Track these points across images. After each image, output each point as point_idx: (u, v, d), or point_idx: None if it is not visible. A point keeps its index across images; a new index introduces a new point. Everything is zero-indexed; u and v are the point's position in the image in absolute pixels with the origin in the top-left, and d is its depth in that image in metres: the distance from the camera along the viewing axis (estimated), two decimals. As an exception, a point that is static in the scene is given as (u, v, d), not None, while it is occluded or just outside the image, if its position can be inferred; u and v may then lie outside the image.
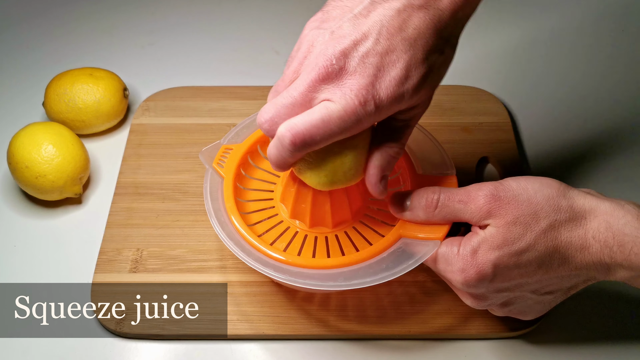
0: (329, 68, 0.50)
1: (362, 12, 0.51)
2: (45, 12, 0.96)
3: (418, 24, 0.50)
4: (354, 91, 0.49)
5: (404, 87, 0.50)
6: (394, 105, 0.51)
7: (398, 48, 0.50)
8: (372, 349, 0.64)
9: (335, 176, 0.55)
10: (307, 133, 0.50)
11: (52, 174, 0.71)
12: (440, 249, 0.56)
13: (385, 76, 0.50)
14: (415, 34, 0.50)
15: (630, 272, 0.52)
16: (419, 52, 0.50)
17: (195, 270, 0.68)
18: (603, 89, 0.86)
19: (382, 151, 0.54)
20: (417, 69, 0.51)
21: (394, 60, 0.50)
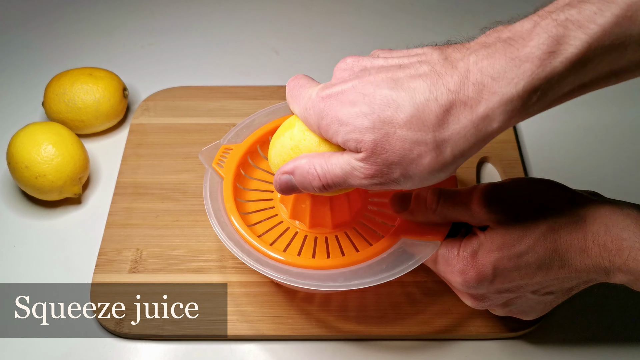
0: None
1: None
2: (45, 12, 0.96)
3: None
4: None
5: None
6: (347, 144, 0.50)
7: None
8: (372, 350, 0.64)
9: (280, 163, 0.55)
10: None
11: (52, 174, 0.71)
12: (440, 250, 0.56)
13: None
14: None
15: (629, 276, 0.52)
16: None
17: (195, 271, 0.68)
18: (605, 89, 0.86)
19: (307, 163, 0.52)
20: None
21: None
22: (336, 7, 0.98)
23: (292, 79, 0.54)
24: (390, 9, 0.97)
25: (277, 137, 0.56)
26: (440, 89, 0.46)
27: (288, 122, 0.56)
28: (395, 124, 0.46)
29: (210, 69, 0.90)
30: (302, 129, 0.53)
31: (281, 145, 0.55)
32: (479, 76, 0.45)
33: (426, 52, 0.49)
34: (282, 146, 0.55)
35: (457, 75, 0.46)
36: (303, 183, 0.52)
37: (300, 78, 0.54)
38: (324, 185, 0.51)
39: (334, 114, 0.49)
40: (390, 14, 0.97)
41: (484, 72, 0.45)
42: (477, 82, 0.45)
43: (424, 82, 0.46)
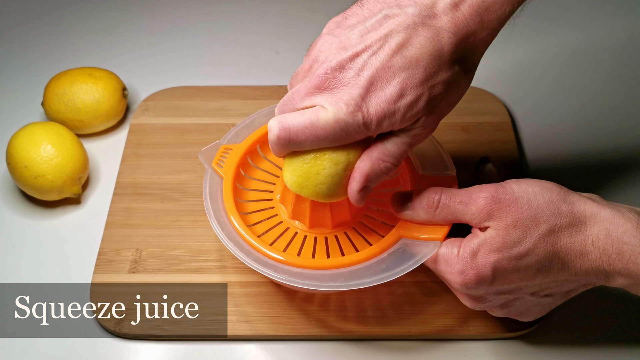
0: (325, 77, 0.51)
1: (373, 24, 0.52)
2: (44, 12, 0.96)
3: (423, 43, 0.50)
4: (344, 100, 0.50)
5: (395, 106, 0.50)
6: (383, 122, 0.51)
7: (396, 66, 0.50)
8: (372, 350, 0.64)
9: (305, 181, 0.55)
10: (292, 131, 0.52)
11: (51, 174, 0.71)
12: (440, 250, 0.56)
13: (377, 91, 0.50)
14: (417, 54, 0.50)
15: (629, 280, 0.52)
16: (418, 72, 0.50)
17: (195, 271, 0.68)
18: (604, 90, 0.86)
19: (372, 159, 0.53)
20: (414, 89, 0.50)
21: (389, 77, 0.50)
22: (336, 6, 0.98)
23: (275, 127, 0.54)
24: (390, 9, 0.97)
25: (313, 174, 0.54)
26: (441, 34, 0.51)
27: (308, 160, 0.54)
28: (431, 76, 0.51)
29: (210, 68, 0.89)
30: (333, 152, 0.54)
31: (331, 175, 0.54)
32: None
33: (395, 14, 0.52)
34: (333, 175, 0.54)
35: (447, 17, 0.51)
36: (380, 179, 0.54)
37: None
38: (396, 165, 0.54)
39: (378, 108, 0.51)
40: (390, 14, 0.97)
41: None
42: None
43: (424, 38, 0.51)
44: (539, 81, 0.87)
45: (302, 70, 0.54)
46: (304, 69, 0.54)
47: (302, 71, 0.54)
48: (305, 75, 0.54)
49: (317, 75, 0.51)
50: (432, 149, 0.64)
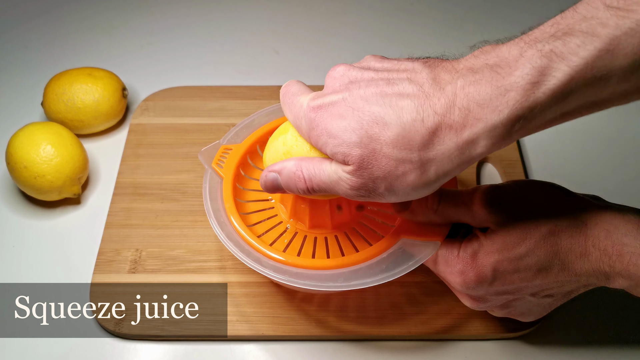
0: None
1: (388, 68, 0.51)
2: (44, 12, 0.96)
3: (405, 105, 0.48)
4: (317, 94, 0.52)
5: (339, 133, 0.49)
6: (321, 136, 0.51)
7: (371, 106, 0.49)
8: (372, 350, 0.64)
9: (267, 148, 0.57)
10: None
11: (51, 174, 0.71)
12: (440, 250, 0.56)
13: (338, 114, 0.50)
14: (390, 113, 0.48)
15: (629, 281, 0.52)
16: (376, 127, 0.48)
17: (195, 271, 0.68)
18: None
19: (298, 163, 0.53)
20: (359, 134, 0.48)
21: (357, 111, 0.49)
22: (336, 6, 0.98)
23: (285, 85, 0.56)
24: (390, 9, 0.97)
25: (272, 140, 0.57)
26: (427, 110, 0.47)
27: (283, 127, 0.57)
28: (382, 142, 0.48)
29: (209, 68, 0.89)
30: (295, 134, 0.55)
31: (274, 149, 0.56)
32: (465, 101, 0.46)
33: (416, 69, 0.50)
34: (275, 150, 0.56)
35: (444, 98, 0.47)
36: (288, 183, 0.54)
37: (292, 85, 0.55)
38: (308, 188, 0.53)
39: (323, 126, 0.50)
40: (390, 14, 0.97)
41: (470, 97, 0.46)
42: (464, 107, 0.46)
43: (412, 102, 0.47)
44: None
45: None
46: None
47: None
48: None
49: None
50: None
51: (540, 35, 0.45)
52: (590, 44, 0.43)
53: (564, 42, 0.44)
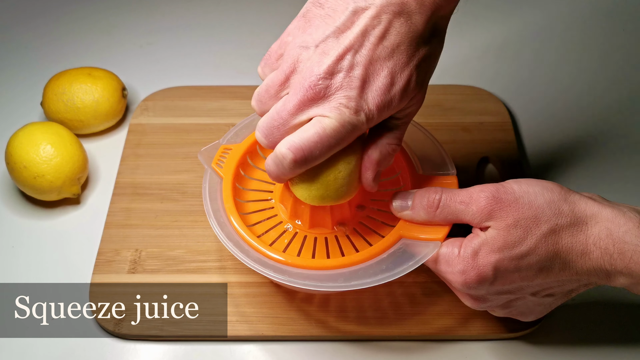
0: (317, 87, 0.51)
1: (345, 23, 0.52)
2: (43, 12, 0.96)
3: (399, 29, 0.51)
4: (343, 103, 0.51)
5: (391, 94, 0.52)
6: (383, 112, 0.52)
7: (381, 57, 0.51)
8: (372, 350, 0.64)
9: (326, 191, 0.55)
10: (306, 149, 0.51)
11: (51, 174, 0.70)
12: (440, 250, 0.56)
13: (372, 86, 0.51)
14: (396, 40, 0.51)
15: (630, 279, 0.52)
16: (401, 57, 0.52)
17: (194, 271, 0.68)
18: (605, 89, 0.86)
19: (378, 146, 0.55)
20: (402, 73, 0.52)
21: (378, 70, 0.51)
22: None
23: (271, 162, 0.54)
24: (390, 9, 0.97)
25: (331, 176, 0.55)
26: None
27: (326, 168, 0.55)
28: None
29: (209, 68, 0.89)
30: (343, 158, 0.55)
31: (348, 174, 0.55)
32: None
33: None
34: (348, 174, 0.55)
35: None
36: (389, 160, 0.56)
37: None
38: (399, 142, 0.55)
39: (375, 102, 0.52)
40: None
41: None
42: None
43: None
44: (539, 81, 0.87)
45: (276, 84, 0.53)
46: (279, 81, 0.53)
47: (277, 85, 0.53)
48: (282, 88, 0.53)
49: (307, 88, 0.51)
50: (433, 149, 0.64)
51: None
52: None
53: None
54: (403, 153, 0.64)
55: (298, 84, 0.52)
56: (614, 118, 0.83)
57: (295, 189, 0.56)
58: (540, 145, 0.80)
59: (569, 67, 0.88)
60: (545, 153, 0.79)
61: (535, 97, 0.85)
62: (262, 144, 0.54)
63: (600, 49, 0.90)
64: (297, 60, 0.52)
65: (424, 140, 0.65)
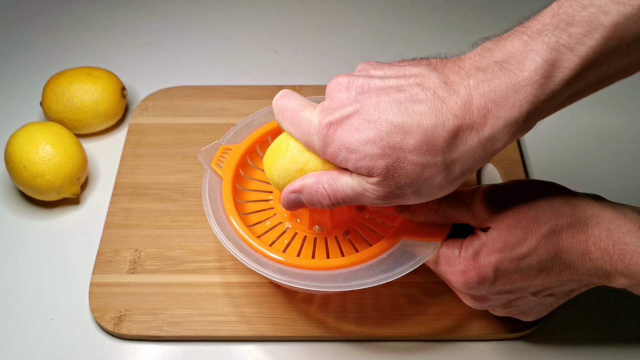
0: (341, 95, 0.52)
1: (397, 72, 0.51)
2: (43, 12, 0.96)
3: (423, 111, 0.49)
4: (327, 109, 0.51)
5: (359, 147, 0.50)
6: (340, 152, 0.51)
7: (388, 116, 0.49)
8: (372, 351, 0.64)
9: (268, 160, 0.56)
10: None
11: (50, 174, 0.70)
12: (441, 250, 0.56)
13: (355, 125, 0.50)
14: (410, 120, 0.49)
15: (630, 280, 0.52)
16: (397, 135, 0.49)
17: (194, 271, 0.68)
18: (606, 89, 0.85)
19: (317, 179, 0.53)
20: (382, 146, 0.49)
21: (375, 120, 0.49)
22: (336, 6, 0.98)
23: (279, 97, 0.55)
24: (390, 8, 0.97)
25: (276, 158, 0.55)
26: (446, 114, 0.48)
27: (282, 142, 0.55)
28: (406, 150, 0.48)
29: (209, 68, 0.89)
30: (302, 149, 0.54)
31: (284, 167, 0.55)
32: (482, 101, 0.47)
33: (423, 74, 0.50)
34: (286, 169, 0.55)
35: (461, 100, 0.48)
36: (312, 201, 0.54)
37: (289, 98, 0.54)
38: (333, 203, 0.53)
39: (340, 141, 0.50)
40: (390, 13, 0.97)
41: (486, 97, 0.47)
42: (481, 107, 0.47)
43: (428, 107, 0.48)
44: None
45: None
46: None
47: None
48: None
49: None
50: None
51: (542, 27, 0.46)
52: (596, 33, 0.44)
53: (569, 34, 0.45)
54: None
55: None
56: (614, 118, 0.82)
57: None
58: (541, 145, 0.80)
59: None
60: (545, 153, 0.79)
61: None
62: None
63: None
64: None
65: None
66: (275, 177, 0.56)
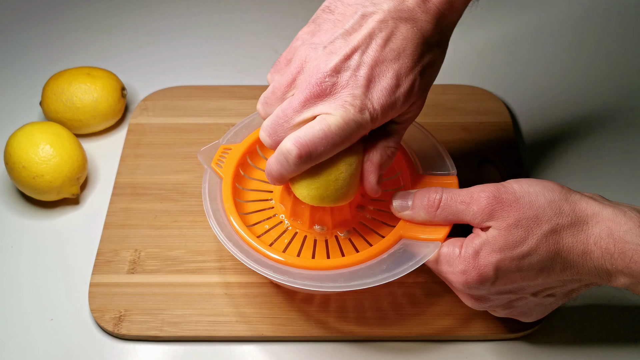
0: (323, 84, 0.52)
1: (353, 26, 0.53)
2: (43, 12, 0.96)
3: (405, 34, 0.53)
4: (349, 101, 0.51)
5: (395, 96, 0.52)
6: (387, 113, 0.53)
7: (387, 59, 0.52)
8: (372, 351, 0.64)
9: (326, 191, 0.55)
10: (311, 145, 0.52)
11: (50, 174, 0.70)
12: (441, 250, 0.56)
13: (377, 86, 0.52)
14: (402, 44, 0.53)
15: (631, 279, 0.52)
16: (407, 60, 0.53)
17: (194, 271, 0.68)
18: (605, 89, 0.86)
19: (378, 149, 0.55)
20: (407, 77, 0.53)
21: (384, 71, 0.52)
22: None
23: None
24: (390, 8, 0.97)
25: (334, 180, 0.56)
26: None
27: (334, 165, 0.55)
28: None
29: (209, 68, 0.89)
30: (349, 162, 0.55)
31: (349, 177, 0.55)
32: None
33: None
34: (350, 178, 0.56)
35: None
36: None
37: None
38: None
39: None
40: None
41: None
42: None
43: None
44: (539, 80, 0.87)
45: (283, 85, 0.54)
46: (286, 82, 0.54)
47: (283, 86, 0.54)
48: (289, 89, 0.54)
49: (313, 85, 0.52)
50: (433, 149, 0.64)
51: None
52: None
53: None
54: (403, 153, 0.64)
55: (304, 81, 0.52)
56: (614, 117, 0.82)
57: (295, 187, 0.56)
58: (541, 144, 0.79)
59: (569, 67, 0.88)
60: (545, 153, 0.79)
61: (535, 97, 0.84)
62: (265, 144, 0.54)
63: (600, 49, 0.90)
64: (304, 61, 0.53)
65: (424, 140, 0.65)
66: (346, 193, 0.56)
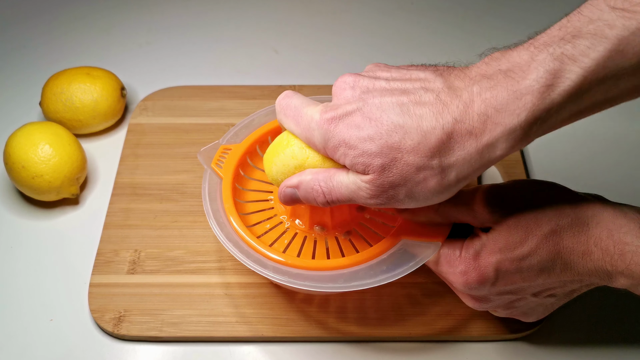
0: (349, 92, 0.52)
1: (402, 75, 0.52)
2: (42, 12, 0.96)
3: (423, 113, 0.49)
4: (330, 105, 0.52)
5: (358, 143, 0.50)
6: (339, 147, 0.52)
7: (389, 116, 0.49)
8: (372, 351, 0.63)
9: (269, 156, 0.56)
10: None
11: (49, 174, 0.70)
12: (442, 251, 0.56)
13: (356, 123, 0.50)
14: (410, 122, 0.49)
15: (631, 280, 0.52)
16: (395, 135, 0.49)
17: (194, 272, 0.68)
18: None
19: (314, 176, 0.54)
20: (379, 144, 0.49)
21: (374, 120, 0.50)
22: (336, 5, 0.98)
23: (282, 97, 0.56)
24: (390, 7, 0.97)
25: (275, 154, 0.56)
26: (446, 117, 0.48)
27: (284, 139, 0.56)
28: (403, 150, 0.48)
29: (209, 68, 0.89)
30: (302, 146, 0.54)
31: (283, 163, 0.55)
32: (482, 107, 0.47)
33: (429, 78, 0.50)
34: (285, 164, 0.55)
35: (462, 104, 0.48)
36: (307, 198, 0.54)
37: (292, 97, 0.55)
38: (328, 201, 0.53)
39: (340, 137, 0.50)
40: (391, 12, 0.96)
41: (487, 103, 0.47)
42: (482, 112, 0.47)
43: (429, 110, 0.48)
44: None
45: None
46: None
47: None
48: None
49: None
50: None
51: (549, 39, 0.46)
52: (600, 45, 0.44)
53: (574, 45, 0.45)
54: None
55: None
56: (615, 117, 0.82)
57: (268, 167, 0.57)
58: (541, 145, 0.79)
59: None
60: (546, 153, 0.79)
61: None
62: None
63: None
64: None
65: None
66: (274, 173, 0.56)
